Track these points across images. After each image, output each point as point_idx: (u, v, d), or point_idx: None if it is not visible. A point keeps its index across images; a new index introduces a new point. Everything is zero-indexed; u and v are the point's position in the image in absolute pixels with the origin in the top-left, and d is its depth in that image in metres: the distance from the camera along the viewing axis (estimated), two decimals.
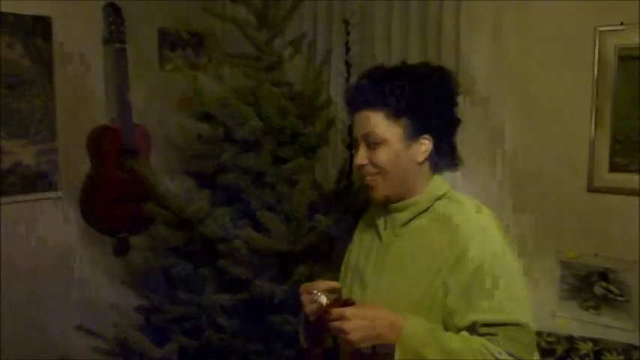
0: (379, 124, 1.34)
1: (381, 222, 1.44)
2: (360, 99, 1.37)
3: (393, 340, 1.22)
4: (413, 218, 1.38)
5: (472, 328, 1.23)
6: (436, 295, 1.28)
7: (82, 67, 2.72)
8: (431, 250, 1.32)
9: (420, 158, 1.36)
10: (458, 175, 1.52)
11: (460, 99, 1.43)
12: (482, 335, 1.22)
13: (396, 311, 1.26)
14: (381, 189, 1.37)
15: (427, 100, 1.34)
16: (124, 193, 2.73)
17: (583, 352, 2.20)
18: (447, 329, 1.27)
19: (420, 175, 1.38)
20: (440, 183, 1.40)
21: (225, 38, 3.04)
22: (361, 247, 1.52)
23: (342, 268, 1.60)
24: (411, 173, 1.36)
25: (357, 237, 1.56)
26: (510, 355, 1.20)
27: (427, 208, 1.37)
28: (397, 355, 1.21)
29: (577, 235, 2.32)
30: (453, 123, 1.41)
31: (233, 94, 2.17)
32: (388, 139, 1.33)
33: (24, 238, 2.57)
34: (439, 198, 1.38)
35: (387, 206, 1.41)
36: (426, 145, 1.36)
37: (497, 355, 1.19)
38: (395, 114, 1.33)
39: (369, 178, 1.38)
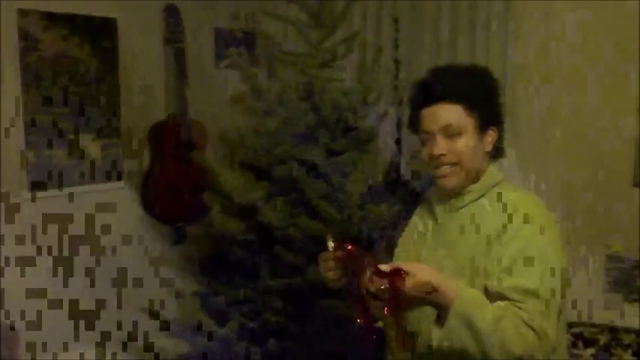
0: (458, 115, 1.45)
1: (439, 207, 1.54)
2: (437, 93, 1.47)
3: (440, 299, 1.27)
4: (470, 202, 1.49)
5: (503, 294, 1.32)
6: (480, 263, 1.38)
7: (143, 66, 2.88)
8: (481, 223, 1.43)
9: (488, 148, 1.49)
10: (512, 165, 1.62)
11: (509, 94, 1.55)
12: (511, 300, 1.30)
13: None
14: (456, 177, 1.47)
15: (494, 95, 1.51)
16: (181, 185, 2.88)
17: (626, 342, 2.24)
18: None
19: (484, 163, 1.50)
20: (497, 170, 1.52)
21: (275, 36, 3.16)
22: (417, 232, 1.61)
23: (396, 253, 1.69)
24: (480, 162, 1.49)
25: (412, 224, 1.64)
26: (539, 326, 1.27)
27: (484, 194, 1.48)
28: (450, 317, 1.28)
29: (623, 228, 2.36)
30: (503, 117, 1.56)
31: (289, 90, 2.28)
32: (467, 130, 1.45)
33: (90, 226, 2.74)
34: (496, 184, 1.49)
35: (447, 193, 1.51)
36: (492, 136, 1.49)
37: (529, 322, 1.26)
38: (471, 107, 1.45)
39: (445, 167, 1.47)
